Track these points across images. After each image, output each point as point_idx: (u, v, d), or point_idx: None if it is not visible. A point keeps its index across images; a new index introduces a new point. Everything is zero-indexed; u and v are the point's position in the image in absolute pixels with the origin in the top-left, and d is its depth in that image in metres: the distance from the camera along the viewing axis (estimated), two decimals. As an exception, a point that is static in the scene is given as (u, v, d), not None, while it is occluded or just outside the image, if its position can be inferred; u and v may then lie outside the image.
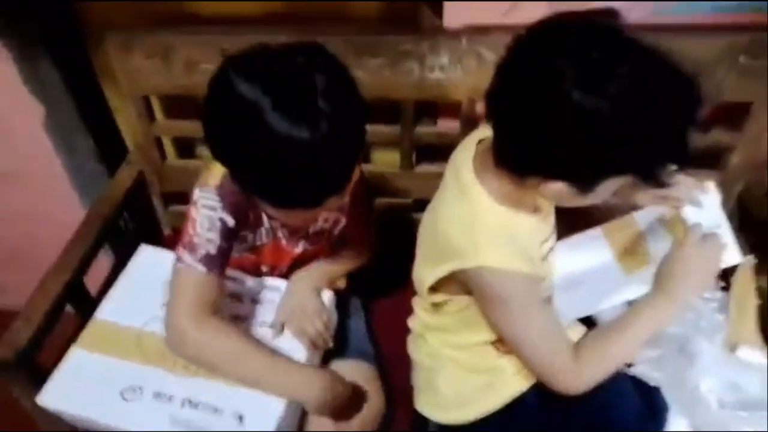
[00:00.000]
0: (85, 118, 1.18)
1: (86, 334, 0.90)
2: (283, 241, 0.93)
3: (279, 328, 0.90)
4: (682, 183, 0.81)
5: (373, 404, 0.92)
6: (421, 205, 1.23)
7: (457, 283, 0.79)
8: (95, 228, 1.09)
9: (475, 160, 0.77)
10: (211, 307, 0.80)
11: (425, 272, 0.82)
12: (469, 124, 1.06)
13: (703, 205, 0.81)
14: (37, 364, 0.93)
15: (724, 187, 1.10)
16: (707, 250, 0.78)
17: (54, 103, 1.14)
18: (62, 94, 1.13)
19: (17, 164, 1.30)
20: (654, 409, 0.87)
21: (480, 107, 1.07)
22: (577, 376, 0.76)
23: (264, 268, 0.98)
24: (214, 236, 0.79)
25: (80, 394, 0.84)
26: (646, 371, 0.90)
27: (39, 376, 0.90)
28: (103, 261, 1.15)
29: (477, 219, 0.74)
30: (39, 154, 1.24)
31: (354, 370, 0.95)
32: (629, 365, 0.92)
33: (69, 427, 0.98)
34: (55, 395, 0.84)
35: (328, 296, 0.94)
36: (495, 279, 0.73)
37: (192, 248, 0.79)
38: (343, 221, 0.96)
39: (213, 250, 0.79)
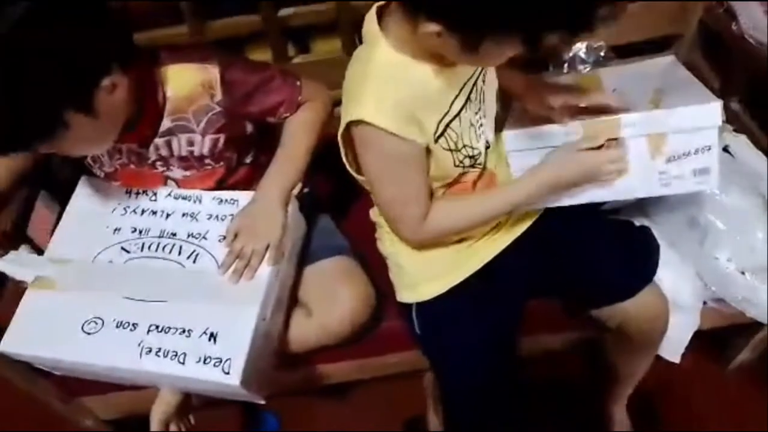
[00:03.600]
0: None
1: (37, 276, 0.84)
2: (133, 167, 0.87)
3: (230, 239, 0.84)
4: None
5: (361, 294, 0.89)
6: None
7: None
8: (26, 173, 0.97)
9: (384, 9, 0.70)
10: None
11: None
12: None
13: (701, 123, 0.73)
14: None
15: (685, 12, 1.06)
16: (593, 161, 0.74)
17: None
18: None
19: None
20: (644, 251, 0.87)
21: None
22: (418, 237, 0.79)
23: None
24: None
25: (42, 335, 0.80)
26: (631, 214, 0.89)
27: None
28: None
29: (371, 66, 0.68)
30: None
31: (333, 267, 0.92)
32: (616, 211, 0.90)
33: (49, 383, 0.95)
34: (17, 340, 0.81)
35: (290, 209, 0.88)
36: (370, 135, 0.68)
37: None
38: (221, 141, 0.85)
39: None
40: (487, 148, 0.81)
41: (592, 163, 0.75)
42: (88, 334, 0.78)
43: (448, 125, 0.72)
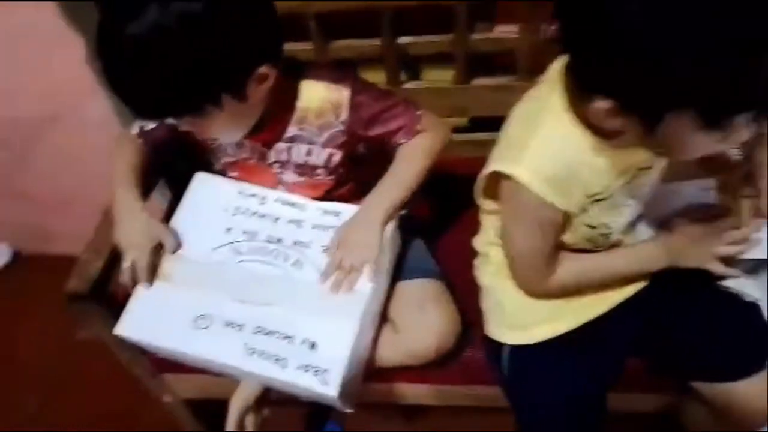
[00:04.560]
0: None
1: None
2: (252, 161, 0.93)
3: (333, 251, 0.87)
4: None
5: (450, 320, 0.90)
6: (479, 125, 1.19)
7: None
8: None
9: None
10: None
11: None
12: (531, 27, 0.98)
13: None
14: (111, 295, 0.95)
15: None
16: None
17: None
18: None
19: (62, 107, 1.29)
20: (755, 332, 0.83)
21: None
22: (544, 292, 0.80)
23: None
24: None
25: (155, 324, 0.86)
26: (742, 285, 0.84)
27: (114, 307, 0.92)
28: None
29: (539, 123, 0.67)
30: (82, 93, 1.23)
31: (420, 289, 0.93)
32: (721, 278, 0.87)
33: (144, 358, 1.02)
34: (132, 326, 0.87)
35: (388, 227, 0.90)
36: (519, 193, 0.68)
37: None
38: (336, 157, 0.89)
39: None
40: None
41: (706, 255, 0.75)
42: (199, 328, 0.83)
43: (595, 202, 0.71)
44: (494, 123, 0.86)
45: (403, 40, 1.05)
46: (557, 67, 0.68)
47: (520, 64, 1.03)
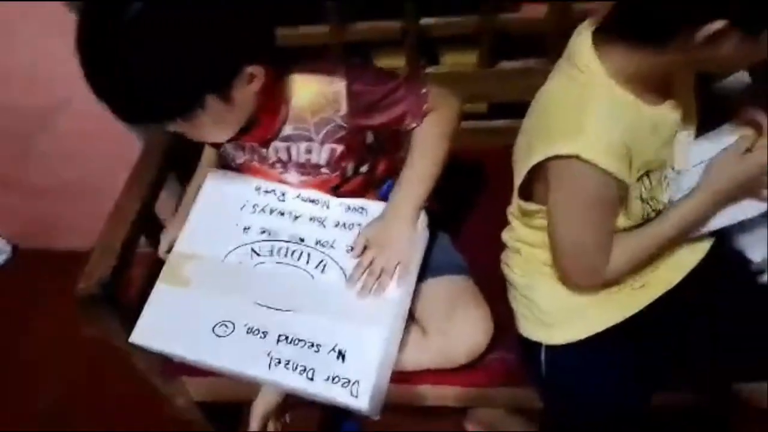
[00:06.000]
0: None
1: (168, 269, 0.85)
2: (255, 164, 0.89)
3: (359, 251, 0.82)
4: None
5: (479, 321, 0.86)
6: (499, 111, 1.14)
7: (547, 184, 0.70)
8: (158, 154, 1.02)
9: (595, 38, 0.67)
10: None
11: (519, 167, 0.73)
12: (560, 6, 0.92)
13: None
14: (124, 297, 0.91)
15: None
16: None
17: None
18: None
19: (65, 95, 1.23)
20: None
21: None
22: (597, 283, 0.76)
23: None
24: None
25: (172, 331, 0.81)
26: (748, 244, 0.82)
27: (127, 309, 0.88)
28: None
29: (588, 98, 0.65)
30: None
31: (449, 288, 0.89)
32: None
33: (157, 361, 0.98)
34: (147, 333, 0.82)
35: (420, 219, 0.85)
36: (582, 173, 0.65)
37: None
38: (338, 151, 0.84)
39: None
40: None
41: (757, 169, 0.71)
42: (219, 336, 0.78)
43: (647, 173, 0.69)
44: (515, 109, 0.82)
45: (426, 21, 0.99)
46: (579, 41, 0.67)
47: (550, 45, 0.97)
